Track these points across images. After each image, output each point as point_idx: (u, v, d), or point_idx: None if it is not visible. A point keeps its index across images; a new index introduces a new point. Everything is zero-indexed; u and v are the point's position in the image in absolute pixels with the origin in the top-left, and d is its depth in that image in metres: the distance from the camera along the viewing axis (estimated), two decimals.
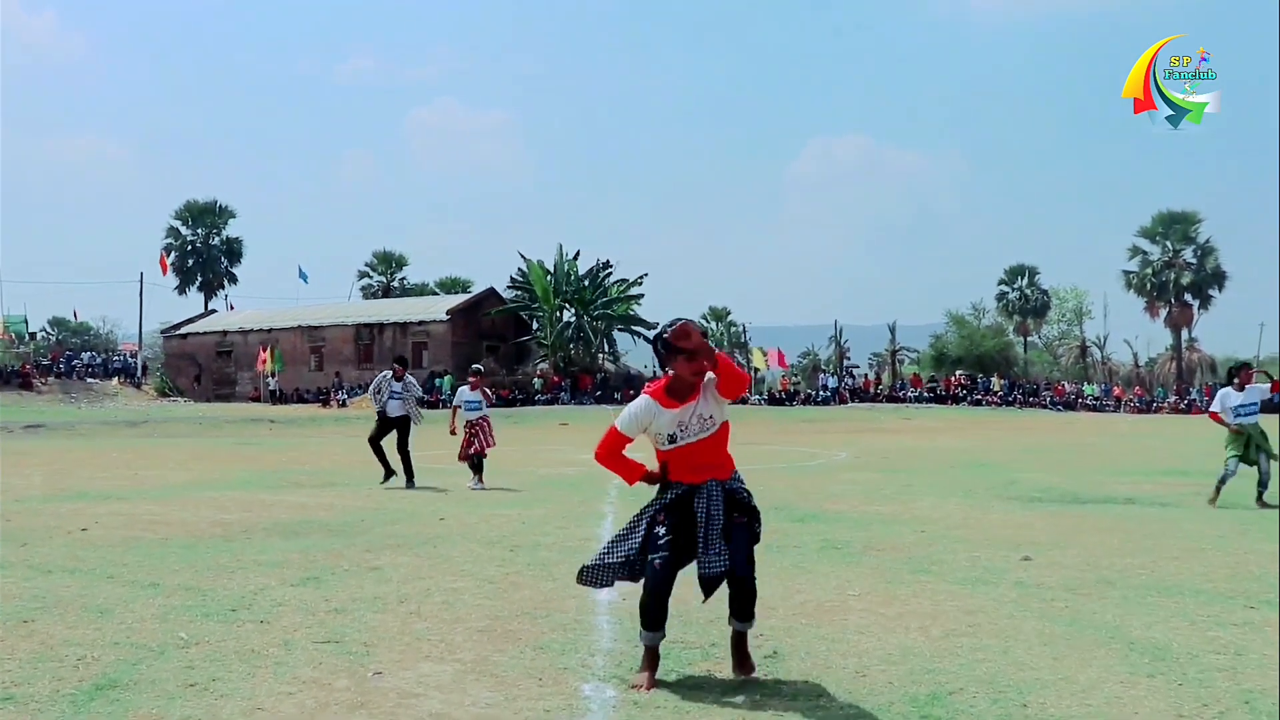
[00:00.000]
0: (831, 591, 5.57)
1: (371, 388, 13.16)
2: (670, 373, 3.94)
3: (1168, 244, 58.44)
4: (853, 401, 47.16)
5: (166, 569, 6.29)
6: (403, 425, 12.41)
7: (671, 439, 3.94)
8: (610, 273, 49.74)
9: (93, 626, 4.78)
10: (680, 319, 3.86)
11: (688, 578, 3.93)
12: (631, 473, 4.15)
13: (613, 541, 4.07)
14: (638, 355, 58.43)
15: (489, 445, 12.48)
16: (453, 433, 12.59)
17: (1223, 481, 9.88)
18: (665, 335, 3.88)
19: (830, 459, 17.81)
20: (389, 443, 12.32)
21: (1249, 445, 9.85)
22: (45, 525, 8.42)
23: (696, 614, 4.57)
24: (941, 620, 4.87)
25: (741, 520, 3.94)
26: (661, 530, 3.91)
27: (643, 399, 3.97)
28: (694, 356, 3.82)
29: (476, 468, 12.31)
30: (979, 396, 48.88)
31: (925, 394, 49.72)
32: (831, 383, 50.28)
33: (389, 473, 12.10)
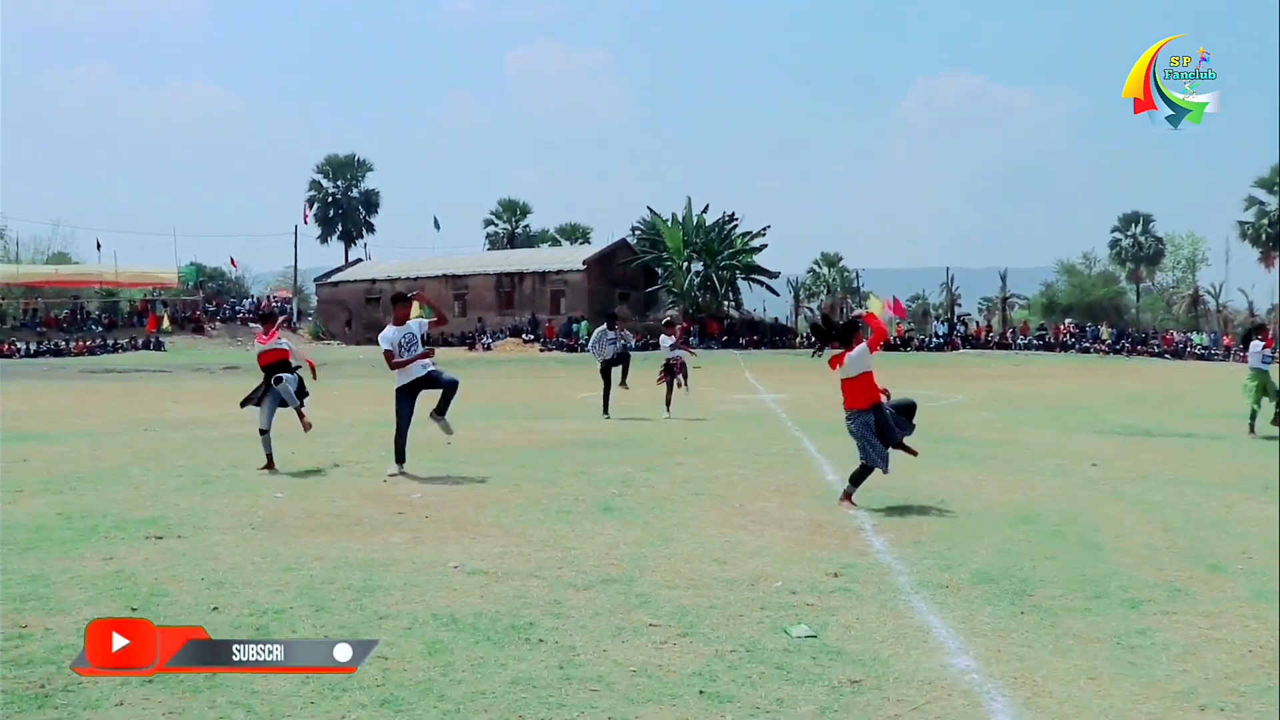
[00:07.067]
0: (968, 478, 9.28)
1: (591, 343, 17.03)
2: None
3: None
4: (964, 348, 49.94)
5: (547, 466, 10.24)
6: (623, 361, 16.30)
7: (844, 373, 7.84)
8: (735, 225, 53.30)
9: (556, 488, 8.75)
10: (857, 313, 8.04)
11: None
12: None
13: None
14: (752, 300, 61.84)
15: (682, 384, 16.42)
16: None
17: (1253, 417, 13.30)
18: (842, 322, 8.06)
19: (949, 401, 21.26)
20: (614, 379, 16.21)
21: (1263, 387, 13.36)
22: (425, 441, 12.57)
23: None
24: (1034, 491, 8.56)
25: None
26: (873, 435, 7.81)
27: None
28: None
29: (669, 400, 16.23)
30: (1087, 344, 51.08)
31: (1035, 341, 52.14)
32: (943, 330, 53.08)
33: (606, 413, 16.01)
